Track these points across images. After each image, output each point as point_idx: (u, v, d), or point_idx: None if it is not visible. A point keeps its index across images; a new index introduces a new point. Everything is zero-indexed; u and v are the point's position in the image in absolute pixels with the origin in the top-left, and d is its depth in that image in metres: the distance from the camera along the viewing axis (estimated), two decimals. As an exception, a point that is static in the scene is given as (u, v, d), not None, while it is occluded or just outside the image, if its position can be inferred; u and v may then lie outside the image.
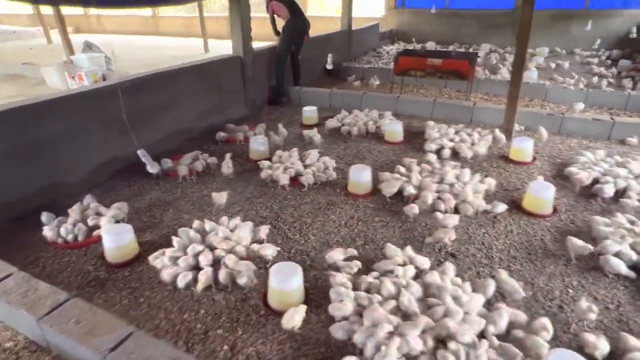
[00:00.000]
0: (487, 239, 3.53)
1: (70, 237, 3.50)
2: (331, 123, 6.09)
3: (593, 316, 2.52)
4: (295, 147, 5.22)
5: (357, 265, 3.04)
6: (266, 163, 4.70)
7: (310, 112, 6.43)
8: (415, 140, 5.66)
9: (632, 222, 3.51)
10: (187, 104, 5.84)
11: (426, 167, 4.58)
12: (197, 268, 3.04)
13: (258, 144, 5.02)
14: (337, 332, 2.46)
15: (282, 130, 5.56)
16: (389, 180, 4.17)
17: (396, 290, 2.72)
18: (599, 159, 4.68)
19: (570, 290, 2.93)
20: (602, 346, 2.32)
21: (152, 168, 4.57)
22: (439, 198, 3.93)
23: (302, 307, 2.63)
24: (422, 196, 3.89)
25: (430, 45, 12.01)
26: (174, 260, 3.08)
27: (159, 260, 3.11)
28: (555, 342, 2.49)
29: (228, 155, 4.77)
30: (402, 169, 4.55)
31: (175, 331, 2.65)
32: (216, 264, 3.07)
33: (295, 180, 4.53)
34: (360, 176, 4.26)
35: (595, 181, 4.22)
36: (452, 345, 2.28)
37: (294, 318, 2.57)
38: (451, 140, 5.25)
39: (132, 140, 4.72)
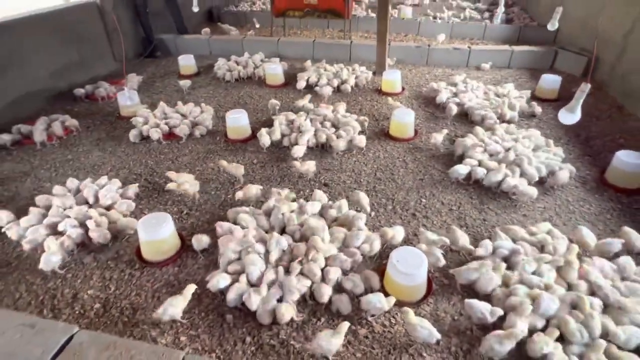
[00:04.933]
0: (358, 166, 3.82)
1: None
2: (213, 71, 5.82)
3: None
4: (171, 99, 4.94)
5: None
6: (139, 119, 4.39)
7: (186, 61, 6.05)
8: (295, 82, 5.67)
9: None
10: (38, 61, 5.10)
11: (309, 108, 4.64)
12: (59, 233, 2.86)
13: (125, 99, 4.63)
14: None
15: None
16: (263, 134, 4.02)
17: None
18: (455, 83, 5.17)
19: (423, 200, 3.35)
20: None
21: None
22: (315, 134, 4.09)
23: None
24: (297, 146, 3.87)
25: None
26: (32, 229, 2.84)
27: (13, 231, 2.85)
28: (406, 243, 2.87)
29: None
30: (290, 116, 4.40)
31: (39, 301, 2.51)
32: (82, 225, 2.90)
33: (171, 133, 4.34)
34: (238, 121, 4.22)
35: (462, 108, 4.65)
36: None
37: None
38: (327, 80, 5.40)
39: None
